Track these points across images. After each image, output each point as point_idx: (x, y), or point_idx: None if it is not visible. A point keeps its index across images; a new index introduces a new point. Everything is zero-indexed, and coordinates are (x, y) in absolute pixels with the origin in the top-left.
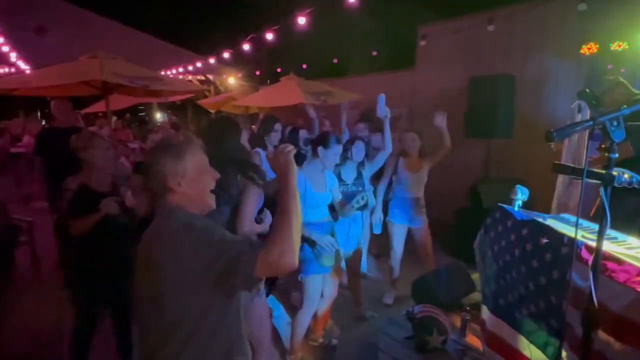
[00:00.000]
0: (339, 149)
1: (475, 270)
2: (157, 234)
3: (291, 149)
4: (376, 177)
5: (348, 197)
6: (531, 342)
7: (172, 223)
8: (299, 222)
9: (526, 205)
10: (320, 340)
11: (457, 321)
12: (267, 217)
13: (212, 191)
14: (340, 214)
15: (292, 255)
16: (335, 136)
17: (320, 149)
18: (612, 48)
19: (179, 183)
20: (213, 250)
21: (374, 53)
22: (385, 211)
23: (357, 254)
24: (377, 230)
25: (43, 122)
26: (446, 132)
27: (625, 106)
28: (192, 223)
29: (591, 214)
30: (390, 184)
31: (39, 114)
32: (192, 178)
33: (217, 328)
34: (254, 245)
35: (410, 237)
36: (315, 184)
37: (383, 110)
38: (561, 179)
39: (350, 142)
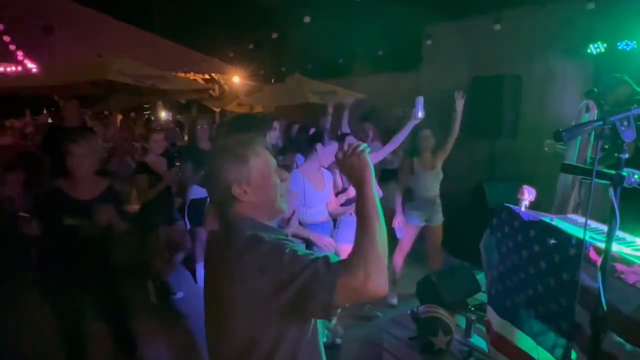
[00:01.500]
0: (335, 146)
1: (480, 271)
2: (223, 249)
3: (364, 147)
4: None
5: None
6: (539, 343)
7: (238, 236)
8: (384, 237)
9: (531, 206)
10: (324, 340)
11: (462, 322)
12: (294, 220)
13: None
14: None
15: (381, 277)
16: (333, 133)
17: (318, 145)
18: (620, 47)
19: (245, 191)
20: (284, 271)
21: (379, 53)
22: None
23: None
24: (400, 235)
25: (50, 121)
26: (460, 117)
27: (635, 105)
28: (259, 237)
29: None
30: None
31: (45, 112)
32: (258, 183)
33: (293, 354)
34: (332, 267)
35: (421, 235)
36: (314, 183)
37: (420, 113)
38: (561, 179)
39: (341, 138)
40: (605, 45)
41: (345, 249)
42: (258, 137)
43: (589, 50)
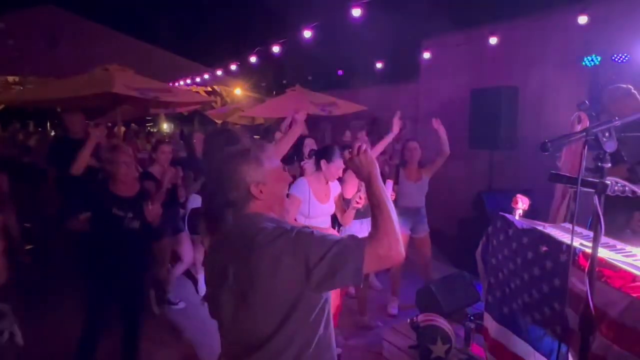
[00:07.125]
0: (341, 163)
1: (479, 280)
2: (246, 244)
3: (366, 147)
4: None
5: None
6: (536, 349)
7: (262, 230)
8: (395, 216)
9: (529, 215)
10: None
11: (461, 330)
12: None
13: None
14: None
15: (399, 245)
16: (340, 149)
17: (323, 162)
18: (614, 59)
19: (261, 190)
20: (317, 248)
21: (378, 65)
22: None
23: None
24: None
25: (52, 133)
26: (444, 137)
27: (617, 118)
28: (284, 227)
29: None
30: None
31: (48, 124)
32: (271, 184)
33: (301, 329)
34: (358, 240)
35: (411, 246)
36: (319, 195)
37: (395, 127)
38: (560, 189)
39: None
40: (600, 58)
41: None
42: (268, 143)
43: (584, 63)
